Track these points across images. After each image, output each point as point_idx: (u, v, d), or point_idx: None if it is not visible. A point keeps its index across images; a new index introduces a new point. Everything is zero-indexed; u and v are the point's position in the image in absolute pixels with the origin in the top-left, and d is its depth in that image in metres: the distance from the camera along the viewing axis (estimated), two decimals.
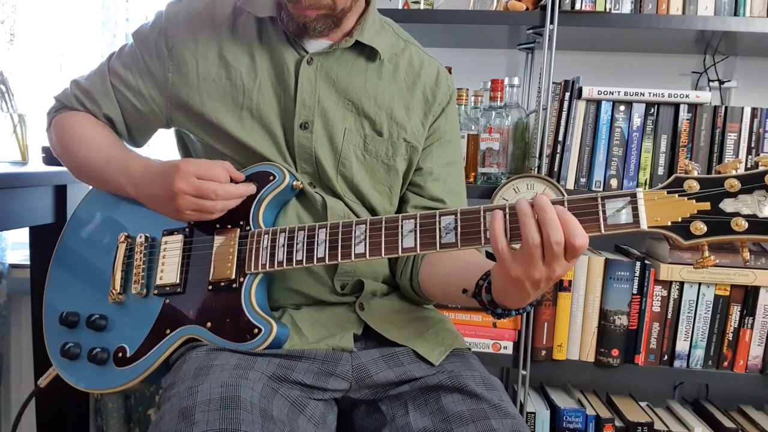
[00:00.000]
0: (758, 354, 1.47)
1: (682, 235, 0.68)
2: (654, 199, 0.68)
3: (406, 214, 0.81)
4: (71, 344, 0.94)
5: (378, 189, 0.98)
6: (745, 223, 0.65)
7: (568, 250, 0.68)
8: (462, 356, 0.94)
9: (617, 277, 1.48)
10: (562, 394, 1.66)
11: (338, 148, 0.94)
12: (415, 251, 0.79)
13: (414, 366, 0.89)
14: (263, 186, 0.91)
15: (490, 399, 0.82)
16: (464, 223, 0.76)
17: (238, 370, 0.78)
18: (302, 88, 0.93)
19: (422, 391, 0.86)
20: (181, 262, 0.92)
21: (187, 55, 0.95)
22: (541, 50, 1.47)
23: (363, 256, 0.81)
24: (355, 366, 0.88)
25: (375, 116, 0.95)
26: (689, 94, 1.49)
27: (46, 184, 1.38)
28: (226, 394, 0.73)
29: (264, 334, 0.84)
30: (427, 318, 1.00)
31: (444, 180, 1.01)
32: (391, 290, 1.01)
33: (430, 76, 1.00)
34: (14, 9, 1.73)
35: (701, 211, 0.67)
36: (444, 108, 1.01)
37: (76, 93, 1.01)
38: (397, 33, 1.02)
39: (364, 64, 0.96)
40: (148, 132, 1.05)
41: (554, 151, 1.53)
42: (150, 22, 0.99)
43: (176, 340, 0.88)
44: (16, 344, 1.78)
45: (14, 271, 1.70)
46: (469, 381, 0.85)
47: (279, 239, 0.86)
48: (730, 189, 0.66)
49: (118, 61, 1.00)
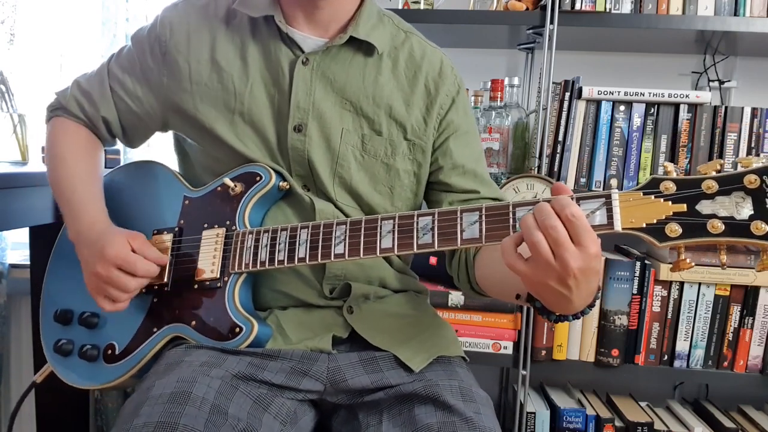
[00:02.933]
0: (758, 354, 1.47)
1: (657, 237, 0.66)
2: (629, 201, 0.67)
3: (385, 215, 0.80)
4: (64, 341, 0.95)
5: (378, 189, 0.96)
6: (722, 225, 0.64)
7: (567, 227, 0.64)
8: (447, 364, 0.90)
9: (617, 277, 1.48)
10: (562, 394, 1.66)
11: (335, 150, 0.93)
12: (393, 252, 0.78)
13: (392, 372, 0.86)
14: (250, 186, 0.91)
15: (463, 412, 0.78)
16: (441, 224, 0.76)
17: (204, 367, 0.79)
18: (297, 89, 0.91)
19: (398, 400, 0.83)
20: (169, 261, 0.92)
21: (180, 60, 0.94)
22: (541, 50, 1.47)
23: (342, 256, 0.81)
24: (331, 368, 0.86)
25: (373, 115, 0.93)
26: (689, 94, 1.49)
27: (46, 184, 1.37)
28: (178, 390, 0.74)
29: (245, 333, 0.85)
30: (423, 323, 0.97)
31: (473, 172, 0.97)
32: (388, 294, 0.99)
33: (432, 67, 0.96)
34: (14, 9, 1.73)
35: (677, 212, 0.66)
36: (454, 99, 0.97)
37: (76, 94, 1.01)
38: (398, 25, 0.99)
39: (362, 60, 0.94)
40: (143, 134, 1.04)
41: (554, 151, 1.53)
42: (147, 26, 0.99)
43: (163, 338, 0.89)
44: (16, 344, 1.78)
45: (14, 271, 1.70)
46: (444, 391, 0.81)
47: (262, 239, 0.87)
48: (707, 190, 0.65)
49: (117, 64, 1.00)
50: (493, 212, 0.73)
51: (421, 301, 1.04)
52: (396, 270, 1.00)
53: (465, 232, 0.74)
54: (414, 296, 1.02)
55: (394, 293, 1.00)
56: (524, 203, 0.72)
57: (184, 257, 0.92)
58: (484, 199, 0.96)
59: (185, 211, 0.96)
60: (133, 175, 1.04)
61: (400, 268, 1.01)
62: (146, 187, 1.01)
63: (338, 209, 0.94)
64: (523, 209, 0.71)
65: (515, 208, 0.72)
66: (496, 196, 0.98)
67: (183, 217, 0.95)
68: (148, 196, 0.99)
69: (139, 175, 1.04)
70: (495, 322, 1.51)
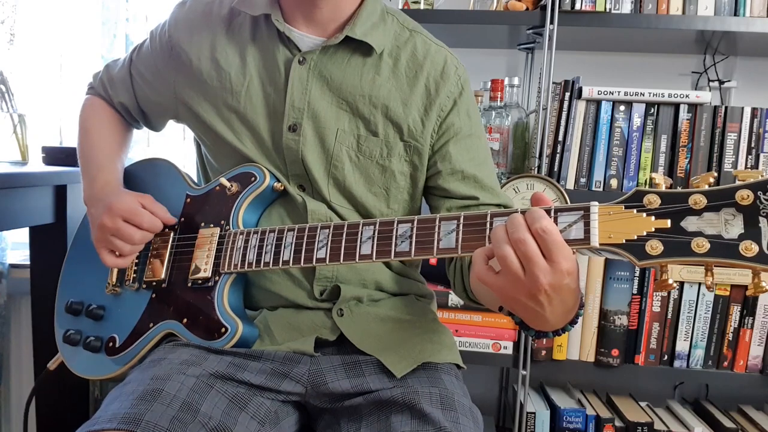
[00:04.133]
0: (758, 354, 1.47)
1: (636, 255, 0.62)
2: (609, 215, 0.63)
3: (367, 221, 0.78)
4: (72, 331, 0.98)
5: (373, 191, 0.94)
6: (707, 244, 0.59)
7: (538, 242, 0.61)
8: (433, 371, 0.87)
9: (617, 277, 1.48)
10: (562, 394, 1.66)
11: (330, 150, 0.92)
12: (371, 259, 0.77)
13: (374, 378, 0.84)
14: (245, 187, 0.92)
15: (438, 421, 0.76)
16: (419, 232, 0.74)
17: (182, 365, 0.80)
18: (292, 88, 0.91)
19: (377, 406, 0.81)
20: (168, 258, 0.93)
21: (185, 57, 0.96)
22: (541, 50, 1.47)
23: (323, 260, 0.80)
24: (312, 371, 0.85)
25: (369, 116, 0.92)
26: (689, 94, 1.49)
27: (46, 184, 1.38)
28: (150, 387, 0.75)
29: (230, 333, 0.85)
30: (417, 328, 0.95)
31: (473, 177, 0.94)
32: (384, 297, 0.97)
33: (435, 66, 0.94)
34: (14, 9, 1.72)
35: (659, 229, 0.61)
36: (456, 101, 0.94)
37: (104, 78, 1.08)
38: (403, 23, 0.97)
39: (360, 60, 0.92)
40: (161, 119, 1.08)
41: (554, 151, 1.53)
42: (162, 22, 1.02)
43: (157, 334, 0.90)
44: (16, 344, 1.78)
45: (14, 271, 1.70)
46: (422, 399, 0.79)
47: (251, 240, 0.87)
48: (694, 206, 0.60)
49: (138, 57, 1.04)
50: (471, 222, 0.71)
51: (422, 305, 1.01)
52: (395, 273, 0.99)
53: (442, 242, 0.72)
54: (414, 300, 1.01)
55: (393, 297, 0.98)
56: (501, 213, 0.69)
57: (181, 255, 0.93)
58: (483, 205, 0.94)
59: (186, 209, 0.97)
60: (140, 171, 1.06)
61: (400, 271, 0.99)
62: (152, 183, 1.03)
63: (332, 210, 0.93)
64: (501, 220, 0.68)
65: (493, 218, 0.69)
66: (498, 202, 0.95)
67: (184, 215, 0.96)
68: (153, 192, 1.00)
69: (147, 172, 1.05)
70: (495, 322, 1.51)
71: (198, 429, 0.72)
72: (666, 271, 0.63)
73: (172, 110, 1.01)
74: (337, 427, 0.84)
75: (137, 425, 0.69)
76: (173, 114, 1.02)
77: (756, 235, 0.58)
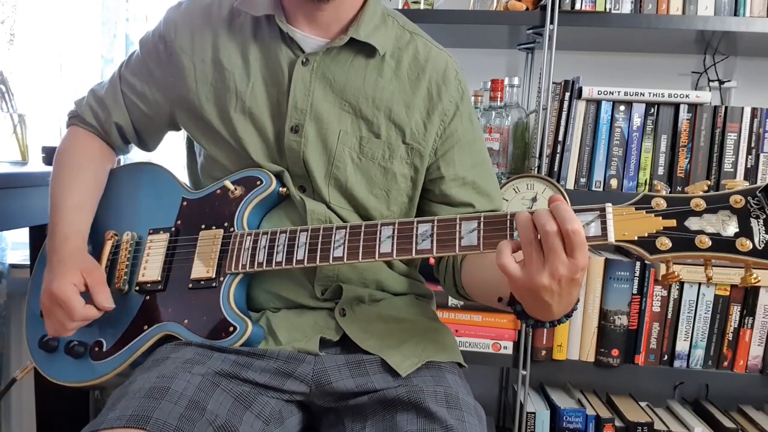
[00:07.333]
0: (758, 354, 1.47)
1: (648, 250, 0.70)
2: (622, 215, 0.71)
3: (385, 221, 0.81)
4: (49, 337, 0.95)
5: (374, 193, 0.94)
6: (709, 241, 0.68)
7: (565, 239, 0.67)
8: (437, 370, 0.88)
9: (617, 277, 1.48)
10: (562, 394, 1.66)
11: (332, 151, 0.92)
12: (391, 257, 0.80)
13: (379, 377, 0.85)
14: (250, 190, 0.92)
15: (445, 419, 0.77)
16: (440, 231, 0.79)
17: (187, 364, 0.80)
18: (295, 90, 0.91)
19: (382, 406, 0.82)
20: (164, 260, 0.93)
21: (185, 60, 0.95)
22: (541, 50, 1.47)
23: (341, 259, 0.82)
24: (316, 370, 0.85)
25: (372, 117, 0.92)
26: (689, 94, 1.49)
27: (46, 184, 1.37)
28: (157, 385, 0.75)
29: (239, 332, 0.85)
30: (419, 328, 0.95)
31: (472, 183, 0.96)
32: (386, 297, 0.98)
33: (436, 70, 0.94)
34: (14, 9, 1.72)
35: (667, 227, 0.70)
36: (458, 105, 0.95)
37: (91, 102, 1.03)
38: (403, 26, 0.97)
39: (363, 61, 0.92)
40: (157, 135, 1.06)
41: (554, 151, 1.53)
42: (152, 29, 1.00)
43: (153, 336, 0.89)
44: (16, 344, 1.78)
45: (14, 271, 1.70)
46: (428, 398, 0.80)
47: (261, 241, 0.87)
48: (695, 208, 0.69)
49: (127, 69, 1.02)
50: (491, 221, 0.76)
51: (423, 305, 1.02)
52: (397, 273, 0.99)
53: (464, 239, 0.77)
54: (415, 300, 1.01)
55: (394, 296, 0.99)
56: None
57: (179, 257, 0.93)
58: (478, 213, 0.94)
59: (183, 212, 0.96)
60: (131, 174, 1.05)
61: (401, 271, 1.00)
62: (144, 187, 1.02)
63: (331, 211, 0.93)
64: None
65: (513, 218, 0.75)
66: (492, 207, 0.97)
67: (180, 218, 0.96)
68: (146, 196, 1.00)
69: (138, 175, 1.04)
70: (495, 322, 1.51)
71: (205, 427, 0.73)
72: (671, 265, 0.72)
73: (168, 120, 1.00)
74: (341, 427, 0.84)
75: (146, 423, 0.69)
76: (170, 123, 1.01)
77: (749, 232, 0.68)
